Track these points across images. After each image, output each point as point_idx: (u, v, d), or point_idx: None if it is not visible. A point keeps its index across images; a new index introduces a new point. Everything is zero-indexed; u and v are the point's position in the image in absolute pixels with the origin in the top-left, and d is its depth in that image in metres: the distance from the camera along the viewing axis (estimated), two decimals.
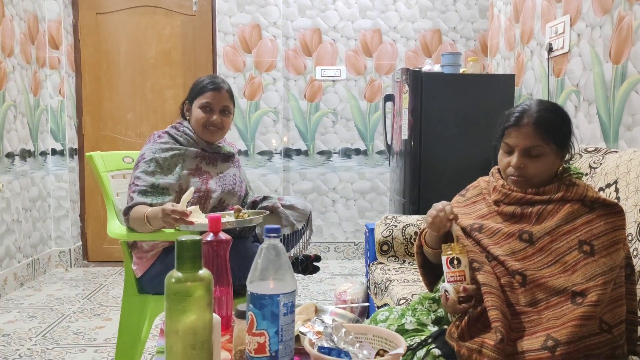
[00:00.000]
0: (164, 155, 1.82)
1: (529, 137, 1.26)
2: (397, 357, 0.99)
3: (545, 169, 1.28)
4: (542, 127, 1.26)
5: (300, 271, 2.09)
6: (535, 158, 1.27)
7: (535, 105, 1.30)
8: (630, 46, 2.14)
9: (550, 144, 1.26)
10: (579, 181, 1.29)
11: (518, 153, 1.29)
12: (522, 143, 1.27)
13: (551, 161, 1.28)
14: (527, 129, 1.27)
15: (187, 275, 0.84)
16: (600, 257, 1.17)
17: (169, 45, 4.01)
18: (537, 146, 1.26)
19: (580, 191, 1.25)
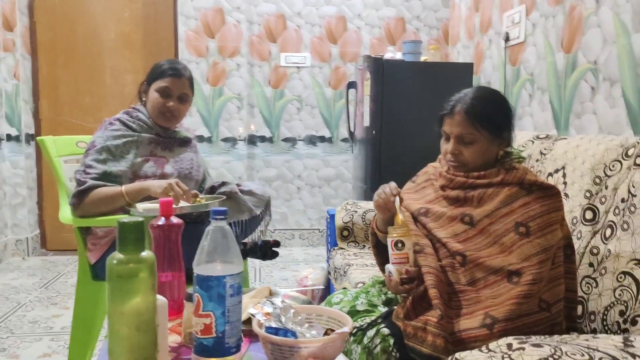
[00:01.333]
0: (116, 142, 1.78)
1: (460, 125, 1.32)
2: (343, 335, 1.01)
3: (479, 154, 1.33)
4: (472, 116, 1.30)
5: (260, 256, 2.10)
6: (469, 145, 1.32)
7: (470, 93, 1.35)
8: (580, 36, 2.21)
9: (482, 131, 1.31)
10: (518, 165, 1.34)
11: (453, 140, 1.34)
12: (455, 130, 1.33)
13: (485, 147, 1.33)
14: (458, 117, 1.32)
15: (130, 257, 0.83)
16: (535, 238, 1.21)
17: (129, 29, 3.92)
18: (469, 133, 1.31)
19: (519, 175, 1.30)
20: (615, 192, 1.52)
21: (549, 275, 1.21)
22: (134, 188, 1.70)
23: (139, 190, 1.69)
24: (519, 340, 0.91)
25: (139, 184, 1.72)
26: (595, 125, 2.11)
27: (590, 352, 0.85)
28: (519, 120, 2.74)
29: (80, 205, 1.71)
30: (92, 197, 1.70)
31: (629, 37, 1.91)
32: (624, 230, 1.43)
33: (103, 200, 1.70)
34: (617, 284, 1.37)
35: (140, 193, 1.70)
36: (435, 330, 1.15)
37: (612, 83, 2.01)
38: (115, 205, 1.70)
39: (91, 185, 1.70)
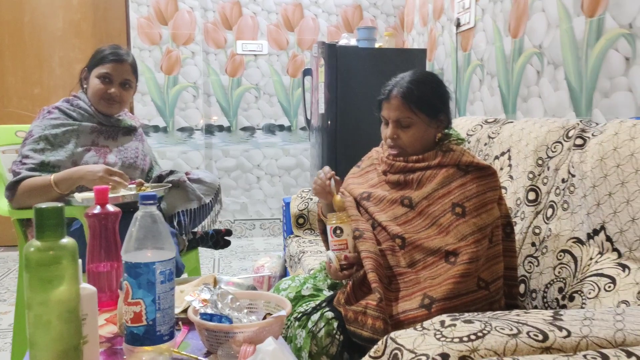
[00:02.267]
0: (55, 131, 1.71)
1: (397, 109, 1.33)
2: (279, 319, 1.00)
3: (418, 137, 1.34)
4: (408, 99, 1.32)
5: (211, 245, 2.08)
6: (407, 128, 1.34)
7: (406, 77, 1.36)
8: (526, 20, 2.24)
9: (419, 114, 1.32)
10: (455, 147, 1.35)
11: (391, 124, 1.35)
12: (393, 115, 1.34)
13: (423, 130, 1.34)
14: (395, 101, 1.33)
15: (50, 244, 0.80)
16: (471, 217, 1.23)
17: (78, 16, 3.79)
18: (406, 117, 1.33)
19: (455, 156, 1.31)
20: (556, 173, 1.55)
21: (487, 254, 1.23)
22: (64, 177, 1.63)
23: (70, 180, 1.62)
24: (451, 317, 0.92)
25: (69, 172, 1.64)
26: (541, 108, 2.15)
27: (519, 326, 0.86)
28: (470, 105, 2.78)
29: (14, 197, 1.64)
30: (23, 189, 1.63)
31: (570, 21, 1.95)
32: (564, 209, 1.47)
33: (35, 191, 1.62)
34: (557, 262, 1.41)
35: (72, 182, 1.62)
36: (375, 314, 1.15)
37: (555, 66, 2.05)
38: (50, 196, 1.63)
39: (24, 176, 1.63)
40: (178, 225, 1.80)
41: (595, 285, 1.26)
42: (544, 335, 0.83)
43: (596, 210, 1.31)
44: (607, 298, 1.21)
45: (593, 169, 1.34)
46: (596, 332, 0.84)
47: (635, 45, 1.65)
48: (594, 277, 1.27)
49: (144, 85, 3.82)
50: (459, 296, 1.16)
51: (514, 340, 0.82)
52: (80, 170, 1.64)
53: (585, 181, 1.37)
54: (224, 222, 4.06)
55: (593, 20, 1.83)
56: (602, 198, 1.29)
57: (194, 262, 2.03)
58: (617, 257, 1.25)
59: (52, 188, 1.61)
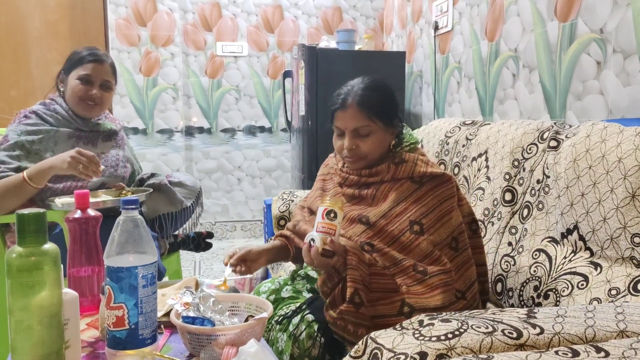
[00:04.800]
0: (31, 138, 1.68)
1: (355, 118, 1.28)
2: (261, 321, 1.02)
3: (377, 145, 1.30)
4: (365, 107, 1.27)
5: (193, 248, 2.07)
6: (366, 137, 1.29)
7: (358, 84, 1.32)
8: (502, 24, 2.29)
9: (376, 121, 1.28)
10: (408, 156, 1.31)
11: (348, 135, 1.29)
12: (350, 124, 1.28)
13: (381, 137, 1.30)
14: (351, 110, 1.28)
15: (31, 249, 0.80)
16: (429, 235, 1.22)
17: (55, 17, 3.74)
18: (365, 126, 1.28)
19: (408, 168, 1.28)
20: (531, 174, 1.59)
21: (456, 262, 1.24)
22: (35, 170, 1.59)
23: (42, 171, 1.59)
24: (429, 317, 0.94)
25: (40, 164, 1.60)
26: (517, 110, 2.20)
27: (495, 324, 0.89)
28: (449, 107, 2.82)
29: None
30: None
31: (544, 25, 2.00)
32: (539, 209, 1.51)
33: (9, 192, 1.59)
34: (533, 261, 1.44)
35: (44, 174, 1.59)
36: (356, 321, 1.15)
37: (530, 70, 2.10)
38: (25, 195, 1.60)
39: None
40: (159, 228, 1.80)
41: (569, 284, 1.29)
42: (518, 332, 0.86)
43: (570, 210, 1.35)
44: (580, 296, 1.25)
45: (566, 170, 1.38)
46: (568, 329, 0.87)
47: (606, 50, 1.70)
48: (568, 275, 1.31)
49: (122, 87, 3.79)
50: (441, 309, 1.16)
51: (490, 338, 0.84)
52: (49, 160, 1.60)
53: (559, 182, 1.41)
54: (205, 225, 4.05)
55: (566, 25, 1.88)
56: (575, 198, 1.33)
57: (175, 265, 2.02)
58: (590, 255, 1.29)
59: (25, 184, 1.58)
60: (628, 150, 1.21)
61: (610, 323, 0.90)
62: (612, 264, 1.22)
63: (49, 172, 1.60)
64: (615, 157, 1.23)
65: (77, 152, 1.58)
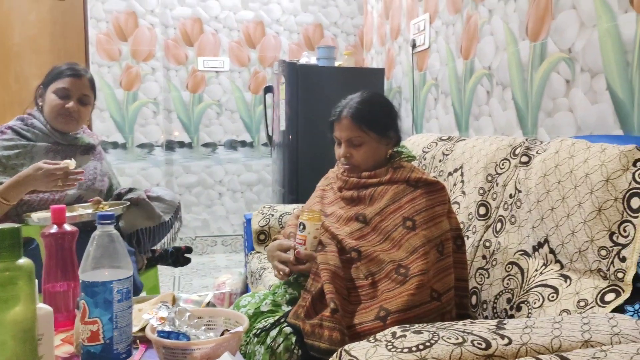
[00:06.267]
0: (7, 153, 1.66)
1: (348, 129, 1.40)
2: (236, 335, 1.02)
3: (370, 155, 1.42)
4: (357, 119, 1.40)
5: (171, 263, 2.07)
6: (358, 147, 1.41)
7: (355, 98, 1.44)
8: (476, 43, 2.35)
9: (369, 132, 1.40)
10: (405, 164, 1.43)
11: (343, 144, 1.43)
12: (344, 135, 1.42)
13: (374, 147, 1.42)
14: (345, 121, 1.41)
15: (5, 264, 0.80)
16: (421, 230, 1.29)
17: (35, 32, 3.73)
18: (357, 136, 1.40)
19: (405, 173, 1.39)
20: (504, 189, 1.63)
21: (438, 266, 1.28)
22: (9, 187, 1.57)
23: (14, 188, 1.56)
24: (402, 329, 0.96)
25: (13, 181, 1.58)
26: (491, 126, 2.25)
27: (465, 335, 0.91)
28: (427, 122, 2.87)
29: None
30: None
31: (516, 44, 2.06)
32: (512, 223, 1.54)
33: None
34: (506, 274, 1.47)
35: (16, 191, 1.57)
36: (331, 325, 1.18)
37: (504, 87, 2.15)
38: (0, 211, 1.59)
39: None
40: (137, 243, 1.80)
41: (540, 296, 1.33)
42: (487, 343, 0.88)
43: (540, 224, 1.39)
44: (550, 307, 1.28)
45: (537, 185, 1.42)
46: (535, 339, 0.89)
47: (574, 69, 1.76)
48: (539, 287, 1.34)
49: (102, 101, 3.78)
50: (412, 308, 1.21)
51: (459, 349, 0.87)
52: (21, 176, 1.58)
53: (530, 196, 1.45)
54: (185, 239, 4.03)
55: (537, 45, 1.94)
56: (545, 212, 1.37)
57: (153, 280, 2.02)
58: (560, 268, 1.32)
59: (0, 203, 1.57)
60: (594, 166, 1.25)
61: (576, 333, 0.93)
62: (581, 276, 1.25)
63: (22, 190, 1.58)
64: (582, 173, 1.28)
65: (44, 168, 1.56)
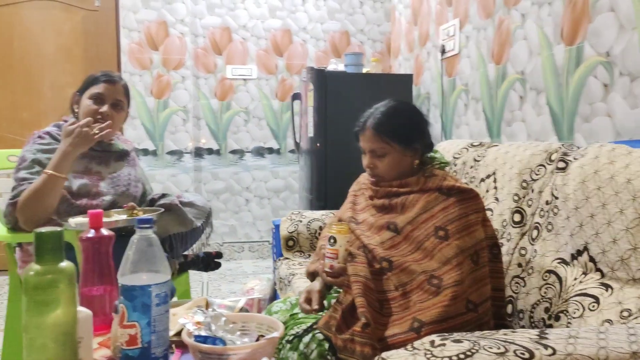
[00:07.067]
0: (47, 155, 1.69)
1: (370, 140, 1.39)
2: (272, 341, 1.02)
3: (393, 165, 1.39)
4: (379, 131, 1.37)
5: (202, 268, 2.08)
6: (382, 157, 1.39)
7: (380, 108, 1.42)
8: (509, 48, 2.32)
9: (392, 144, 1.37)
10: (438, 171, 1.39)
11: (368, 154, 1.41)
12: (367, 145, 1.40)
13: (398, 158, 1.39)
14: (368, 132, 1.39)
15: (47, 267, 0.82)
16: (454, 240, 1.25)
17: (70, 42, 3.83)
18: (380, 147, 1.38)
19: (437, 181, 1.35)
20: (540, 195, 1.60)
21: (474, 276, 1.25)
22: (55, 163, 1.62)
23: (61, 161, 1.62)
24: (441, 337, 0.94)
25: (56, 157, 1.63)
26: (524, 132, 2.21)
27: (507, 345, 0.89)
28: (457, 128, 2.84)
29: (17, 209, 1.62)
30: (24, 197, 1.61)
31: (551, 48, 2.03)
32: (549, 231, 1.51)
33: (38, 192, 1.60)
34: (543, 282, 1.44)
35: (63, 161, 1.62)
36: (362, 340, 1.16)
37: (538, 92, 2.12)
38: (53, 191, 1.61)
39: (22, 189, 1.63)
40: (169, 248, 1.81)
41: (580, 305, 1.29)
42: (530, 353, 0.86)
43: (579, 231, 1.35)
44: (591, 317, 1.24)
45: (575, 192, 1.39)
46: (580, 350, 0.87)
47: (612, 73, 1.72)
48: (579, 297, 1.30)
49: (134, 109, 3.85)
50: (447, 319, 1.17)
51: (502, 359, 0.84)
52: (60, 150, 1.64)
53: (568, 203, 1.41)
54: (213, 245, 4.05)
55: (572, 49, 1.90)
56: (584, 219, 1.33)
57: (184, 285, 2.03)
58: (600, 277, 1.28)
59: (54, 177, 1.60)
60: (637, 172, 1.22)
61: (623, 344, 0.89)
62: (623, 285, 1.21)
63: (68, 159, 1.64)
64: (624, 179, 1.24)
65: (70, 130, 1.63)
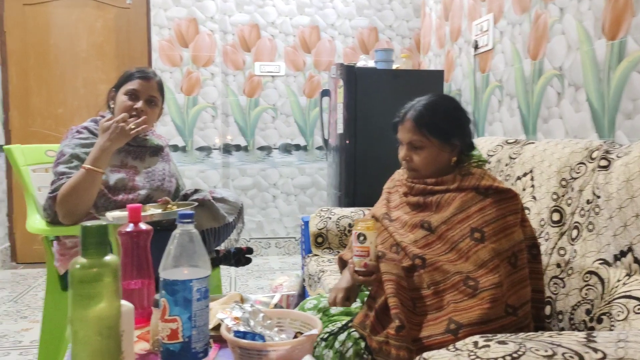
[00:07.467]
0: (85, 150, 1.72)
1: (409, 131, 1.37)
2: (311, 338, 1.01)
3: (430, 160, 1.36)
4: (419, 123, 1.35)
5: (233, 263, 2.09)
6: (419, 150, 1.36)
7: (422, 101, 1.40)
8: (545, 43, 2.26)
9: (430, 138, 1.35)
10: (475, 170, 1.35)
11: (405, 147, 1.39)
12: (405, 137, 1.38)
13: (435, 154, 1.36)
14: (408, 124, 1.37)
15: (93, 261, 0.82)
16: (490, 243, 1.22)
17: (102, 39, 3.88)
18: (418, 140, 1.36)
19: (474, 180, 1.32)
20: (580, 194, 1.55)
21: (512, 278, 1.22)
22: (93, 158, 1.65)
23: (98, 156, 1.65)
24: (484, 338, 0.92)
25: (94, 152, 1.66)
26: (562, 129, 2.16)
27: (554, 347, 0.86)
28: (489, 125, 2.79)
29: (57, 203, 1.65)
30: (62, 191, 1.64)
31: (591, 43, 1.97)
32: (590, 231, 1.46)
33: (77, 186, 1.62)
34: (584, 284, 1.40)
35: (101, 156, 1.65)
36: (397, 343, 1.14)
37: (576, 88, 2.06)
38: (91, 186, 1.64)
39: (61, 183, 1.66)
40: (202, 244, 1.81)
41: (624, 307, 1.25)
42: (580, 357, 0.83)
43: (623, 231, 1.31)
44: (636, 320, 1.20)
45: (619, 191, 1.35)
46: (632, 354, 0.84)
47: None
48: (623, 299, 1.26)
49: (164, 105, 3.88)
50: (487, 322, 1.15)
51: None
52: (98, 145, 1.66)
53: (611, 202, 1.37)
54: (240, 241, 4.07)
55: (614, 43, 1.85)
56: (629, 219, 1.29)
57: (216, 281, 2.04)
58: None
59: (92, 172, 1.62)
60: None
61: None
62: None
63: (106, 155, 1.66)
64: None
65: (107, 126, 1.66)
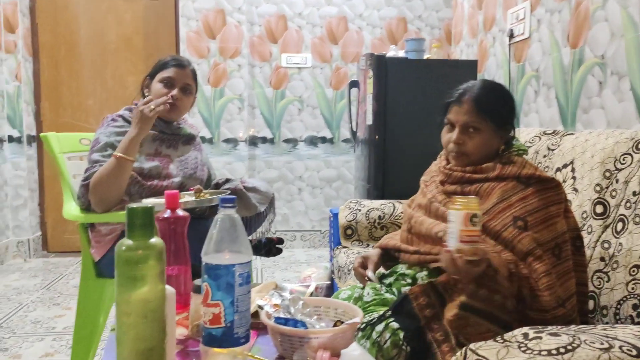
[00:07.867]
0: (119, 138, 1.72)
1: (468, 113, 1.32)
2: (353, 326, 0.99)
3: (482, 145, 1.33)
4: (480, 105, 1.31)
5: (264, 254, 2.08)
6: (474, 134, 1.32)
7: (478, 84, 1.36)
8: (587, 30, 2.19)
9: (487, 121, 1.31)
10: (516, 158, 1.33)
11: (458, 129, 1.34)
12: (462, 119, 1.33)
13: (488, 138, 1.33)
14: (466, 105, 1.32)
15: (138, 243, 0.81)
16: (533, 232, 1.19)
17: (130, 31, 3.91)
18: (475, 122, 1.31)
19: (515, 169, 1.29)
20: (626, 186, 1.50)
21: (557, 270, 1.19)
22: (123, 145, 1.66)
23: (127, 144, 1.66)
24: (535, 330, 0.89)
25: (125, 140, 1.67)
26: (603, 119, 2.09)
27: (610, 340, 0.83)
28: (525, 117, 2.72)
29: (89, 191, 1.67)
30: (95, 179, 1.66)
31: (637, 30, 1.90)
32: (636, 223, 1.41)
33: (108, 174, 1.64)
34: (630, 278, 1.35)
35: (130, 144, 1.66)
36: None
37: (620, 77, 1.99)
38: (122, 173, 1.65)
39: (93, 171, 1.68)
40: None
41: None
42: (638, 350, 0.80)
43: None
44: None
45: None
46: None
47: None
48: None
49: None
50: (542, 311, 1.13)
51: (607, 355, 0.79)
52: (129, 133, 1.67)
53: None
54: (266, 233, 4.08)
55: None
56: None
57: None
58: None
59: (122, 160, 1.64)
60: None
61: None
62: None
63: (135, 143, 1.67)
64: None
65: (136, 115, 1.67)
